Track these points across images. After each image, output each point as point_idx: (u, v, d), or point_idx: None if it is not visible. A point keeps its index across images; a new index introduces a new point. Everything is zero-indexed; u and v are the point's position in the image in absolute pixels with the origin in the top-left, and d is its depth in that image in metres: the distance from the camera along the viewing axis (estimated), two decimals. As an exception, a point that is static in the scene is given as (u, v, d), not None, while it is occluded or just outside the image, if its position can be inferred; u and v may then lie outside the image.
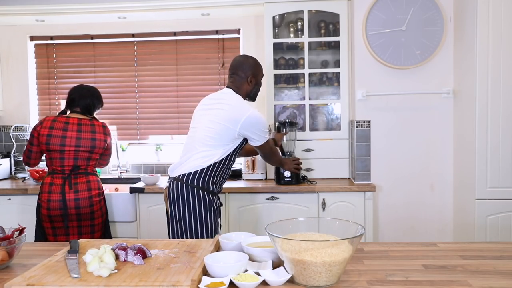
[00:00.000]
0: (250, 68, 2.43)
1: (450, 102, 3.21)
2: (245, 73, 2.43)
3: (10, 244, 1.34)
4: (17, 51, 3.95)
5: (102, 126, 2.78)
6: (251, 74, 2.43)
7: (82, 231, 2.69)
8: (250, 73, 2.43)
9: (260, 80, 2.50)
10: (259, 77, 2.49)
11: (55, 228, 2.68)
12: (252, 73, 2.43)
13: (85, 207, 2.66)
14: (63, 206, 2.63)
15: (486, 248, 1.51)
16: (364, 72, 3.23)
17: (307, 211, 3.14)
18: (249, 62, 2.46)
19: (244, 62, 2.46)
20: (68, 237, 2.67)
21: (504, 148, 2.80)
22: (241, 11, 3.60)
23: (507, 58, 2.75)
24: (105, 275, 1.19)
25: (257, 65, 2.48)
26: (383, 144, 3.26)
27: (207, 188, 2.27)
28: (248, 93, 2.47)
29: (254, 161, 3.42)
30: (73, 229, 2.68)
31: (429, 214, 3.27)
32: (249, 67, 2.44)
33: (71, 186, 2.65)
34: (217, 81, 3.86)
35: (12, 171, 3.76)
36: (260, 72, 2.50)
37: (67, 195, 2.64)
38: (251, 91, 2.47)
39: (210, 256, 1.28)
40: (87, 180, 2.70)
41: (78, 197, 2.65)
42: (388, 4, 3.15)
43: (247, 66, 2.44)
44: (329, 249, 1.16)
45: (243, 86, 2.44)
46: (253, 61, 2.47)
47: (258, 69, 2.48)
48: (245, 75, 2.43)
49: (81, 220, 2.67)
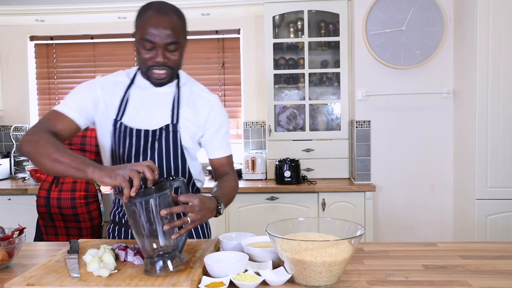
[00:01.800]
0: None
1: (450, 102, 3.21)
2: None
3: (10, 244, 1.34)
4: (17, 51, 3.95)
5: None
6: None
7: (69, 232, 2.65)
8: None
9: (137, 43, 1.48)
10: (136, 35, 1.49)
11: (46, 226, 2.67)
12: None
13: (67, 208, 2.60)
14: (47, 204, 2.61)
15: (486, 248, 1.51)
16: (364, 72, 3.23)
17: (307, 211, 3.14)
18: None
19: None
20: (57, 237, 2.66)
21: (504, 148, 2.79)
22: (241, 11, 3.60)
23: (507, 58, 2.75)
24: (105, 275, 1.19)
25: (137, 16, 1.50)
26: (383, 144, 3.26)
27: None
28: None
29: (254, 161, 3.42)
30: (61, 229, 2.65)
31: (429, 214, 3.27)
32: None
33: (57, 185, 2.63)
34: (217, 81, 3.85)
35: (12, 171, 3.75)
36: (136, 28, 1.49)
37: (51, 193, 2.62)
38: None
39: (210, 256, 1.28)
40: (73, 181, 2.63)
41: (60, 197, 2.60)
42: (388, 4, 3.15)
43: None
44: (329, 249, 1.16)
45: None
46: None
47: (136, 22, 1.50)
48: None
49: (67, 221, 2.63)
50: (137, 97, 1.55)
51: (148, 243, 1.22)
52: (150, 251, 1.22)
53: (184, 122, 1.56)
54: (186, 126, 1.56)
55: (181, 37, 1.47)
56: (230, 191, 1.59)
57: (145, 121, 1.53)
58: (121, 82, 1.57)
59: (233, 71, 3.84)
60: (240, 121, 3.84)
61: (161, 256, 1.21)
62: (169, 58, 1.45)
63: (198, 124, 1.59)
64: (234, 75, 3.84)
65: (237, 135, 3.86)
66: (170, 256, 1.21)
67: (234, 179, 1.66)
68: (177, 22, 1.45)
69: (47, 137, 1.36)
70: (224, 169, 1.68)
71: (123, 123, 1.52)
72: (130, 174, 1.17)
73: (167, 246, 1.23)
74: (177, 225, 1.23)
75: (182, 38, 1.47)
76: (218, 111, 1.63)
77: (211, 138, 1.62)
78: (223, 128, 1.64)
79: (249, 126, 3.77)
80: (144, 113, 1.54)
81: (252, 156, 3.43)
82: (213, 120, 1.61)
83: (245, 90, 3.79)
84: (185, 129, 1.56)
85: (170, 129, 1.53)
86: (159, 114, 1.54)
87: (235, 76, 3.84)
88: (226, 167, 1.68)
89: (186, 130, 1.56)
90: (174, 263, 1.21)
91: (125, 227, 1.65)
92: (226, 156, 1.67)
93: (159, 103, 1.55)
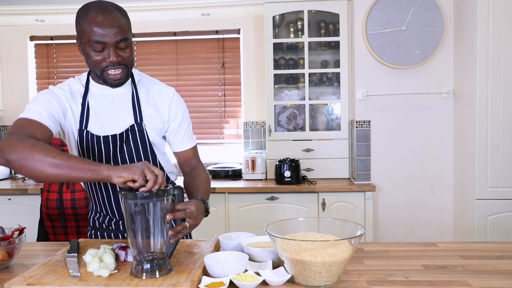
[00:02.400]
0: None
1: (450, 102, 3.21)
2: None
3: (10, 244, 1.34)
4: (17, 51, 3.94)
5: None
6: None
7: (80, 231, 2.70)
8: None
9: (85, 47, 1.42)
10: (82, 40, 1.43)
11: (55, 227, 2.70)
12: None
13: (82, 207, 2.66)
14: (60, 206, 2.65)
15: (486, 248, 1.51)
16: (364, 72, 3.23)
17: (307, 211, 3.14)
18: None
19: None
20: (67, 237, 2.69)
21: (504, 148, 2.79)
22: (241, 11, 3.60)
23: (507, 58, 2.75)
24: (105, 275, 1.19)
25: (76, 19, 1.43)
26: (383, 144, 3.26)
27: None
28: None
29: (254, 161, 3.42)
30: (71, 228, 2.69)
31: (429, 214, 3.27)
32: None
33: (68, 186, 2.67)
34: (217, 81, 3.85)
35: (12, 171, 3.75)
36: (80, 32, 1.42)
37: (64, 194, 2.66)
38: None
39: (210, 256, 1.28)
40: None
41: (74, 197, 2.66)
42: (388, 4, 3.15)
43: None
44: (329, 249, 1.16)
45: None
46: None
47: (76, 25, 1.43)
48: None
49: (79, 220, 2.68)
50: (96, 103, 1.52)
51: (141, 244, 1.22)
52: (140, 253, 1.22)
53: (148, 119, 1.55)
54: (150, 122, 1.55)
55: (129, 33, 1.45)
56: (206, 184, 1.60)
57: (109, 126, 1.51)
58: (77, 90, 1.53)
59: (233, 71, 3.84)
60: (240, 121, 3.84)
61: (150, 261, 1.21)
62: (122, 56, 1.42)
63: (162, 119, 1.58)
64: (234, 75, 3.84)
65: (237, 135, 3.86)
66: (159, 263, 1.21)
67: (204, 171, 1.66)
68: (122, 19, 1.42)
69: (39, 142, 1.28)
70: (191, 161, 1.67)
71: (89, 131, 1.50)
72: (147, 173, 1.20)
73: (158, 251, 1.23)
74: (178, 230, 1.27)
75: (129, 34, 1.45)
76: (178, 104, 1.62)
77: (175, 132, 1.62)
78: (185, 120, 1.63)
79: (249, 126, 3.77)
80: (107, 118, 1.51)
81: (252, 156, 3.43)
82: (174, 113, 1.60)
83: (245, 90, 3.79)
84: (150, 126, 1.55)
85: (136, 129, 1.52)
86: (121, 116, 1.52)
87: (235, 76, 3.84)
88: (193, 159, 1.68)
89: (151, 126, 1.55)
90: (162, 270, 1.21)
91: (106, 231, 1.66)
92: (191, 148, 1.67)
93: (119, 105, 1.53)
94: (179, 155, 1.68)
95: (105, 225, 1.65)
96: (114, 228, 1.65)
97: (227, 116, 3.87)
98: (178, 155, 1.68)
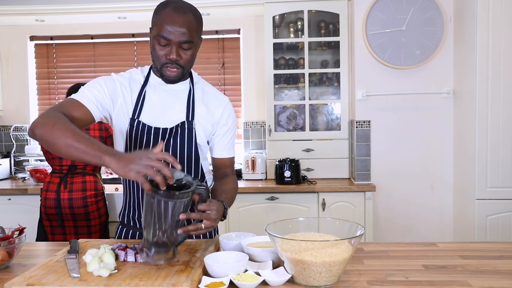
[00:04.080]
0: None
1: (450, 102, 3.21)
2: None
3: (10, 244, 1.34)
4: (17, 51, 3.94)
5: (98, 122, 2.78)
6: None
7: (78, 231, 2.70)
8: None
9: (153, 39, 1.50)
10: (153, 32, 1.51)
11: (53, 226, 2.70)
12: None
13: (79, 207, 2.66)
14: (57, 205, 2.65)
15: (486, 248, 1.51)
16: (364, 72, 3.23)
17: (307, 211, 3.14)
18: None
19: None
20: (65, 237, 2.69)
21: (504, 148, 2.79)
22: (241, 11, 3.60)
23: (507, 58, 2.75)
24: (105, 275, 1.19)
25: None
26: (383, 144, 3.26)
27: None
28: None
29: (254, 161, 3.42)
30: (69, 228, 2.69)
31: (429, 214, 3.27)
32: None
33: (66, 186, 2.68)
34: (217, 81, 3.85)
35: (12, 171, 3.75)
36: (153, 24, 1.50)
37: (61, 194, 2.66)
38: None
39: (210, 256, 1.28)
40: (82, 181, 2.71)
41: (71, 197, 2.66)
42: (388, 4, 3.15)
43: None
44: (329, 249, 1.16)
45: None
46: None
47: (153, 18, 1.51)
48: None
49: (77, 220, 2.68)
50: (152, 95, 1.56)
51: (153, 234, 1.24)
52: (151, 240, 1.25)
53: (199, 120, 1.57)
54: (200, 123, 1.57)
55: (195, 37, 1.48)
56: (233, 194, 1.61)
57: (161, 119, 1.53)
58: (138, 80, 1.58)
59: (233, 71, 3.84)
60: (240, 121, 3.84)
61: (157, 245, 1.23)
62: (181, 56, 1.46)
63: (213, 122, 1.60)
64: (234, 75, 3.84)
65: (237, 135, 3.86)
66: (165, 249, 1.25)
67: (235, 182, 1.68)
68: (193, 22, 1.46)
69: (64, 120, 1.32)
70: (226, 170, 1.69)
71: (141, 121, 1.52)
72: (146, 171, 1.16)
73: (169, 240, 1.26)
74: (190, 230, 1.28)
75: (196, 38, 1.49)
76: (230, 112, 1.65)
77: (220, 137, 1.64)
78: (232, 130, 1.67)
79: (249, 126, 3.77)
80: (160, 110, 1.54)
81: (252, 156, 3.43)
82: (226, 119, 1.63)
83: (245, 90, 3.79)
84: (200, 126, 1.57)
85: (186, 126, 1.54)
86: (174, 111, 1.55)
87: (235, 76, 3.84)
88: (228, 169, 1.70)
89: (201, 127, 1.57)
90: (168, 255, 1.25)
91: (133, 229, 1.65)
92: (230, 158, 1.69)
93: (174, 100, 1.56)
94: (216, 161, 1.69)
95: (132, 222, 1.64)
96: (140, 226, 1.63)
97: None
98: (215, 161, 1.69)
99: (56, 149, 1.30)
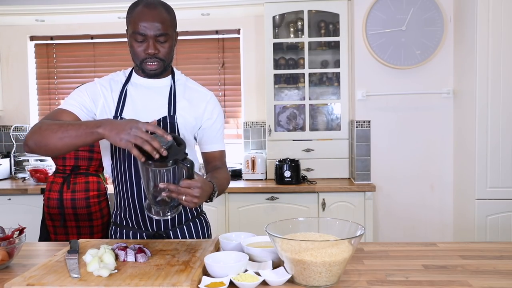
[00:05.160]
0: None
1: (450, 102, 3.21)
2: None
3: (10, 244, 1.34)
4: (17, 51, 3.94)
5: None
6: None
7: (81, 231, 2.70)
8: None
9: (129, 38, 1.53)
10: (128, 31, 1.54)
11: (55, 226, 2.71)
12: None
13: (82, 207, 2.67)
14: (60, 205, 2.66)
15: (486, 248, 1.51)
16: (364, 72, 3.24)
17: (307, 211, 3.14)
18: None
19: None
20: (67, 237, 2.69)
21: (504, 148, 2.80)
22: (241, 11, 3.60)
23: (507, 58, 2.75)
24: (105, 275, 1.19)
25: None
26: (383, 144, 3.26)
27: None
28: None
29: (254, 161, 3.42)
30: (72, 229, 2.70)
31: (429, 214, 3.27)
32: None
33: (69, 186, 2.68)
34: (217, 81, 3.85)
35: (12, 171, 3.75)
36: (128, 24, 1.54)
37: (64, 194, 2.67)
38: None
39: (210, 256, 1.28)
40: (85, 181, 2.71)
41: (74, 197, 2.67)
42: (388, 4, 3.15)
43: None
44: (329, 249, 1.16)
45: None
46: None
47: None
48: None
49: (79, 220, 2.68)
50: (134, 93, 1.59)
51: (152, 195, 1.36)
52: (152, 200, 1.37)
53: (181, 114, 1.58)
54: (183, 117, 1.58)
55: (170, 30, 1.52)
56: (224, 182, 1.62)
57: (143, 115, 1.55)
58: (119, 80, 1.62)
59: (233, 71, 3.84)
60: (240, 121, 3.84)
61: (157, 203, 1.37)
62: (159, 49, 1.50)
63: (196, 116, 1.61)
64: (234, 75, 3.84)
65: (237, 135, 3.86)
66: (169, 206, 1.38)
67: (227, 173, 1.69)
68: (165, 15, 1.51)
69: (49, 122, 1.39)
70: (216, 163, 1.70)
71: (123, 118, 1.54)
72: (135, 141, 1.24)
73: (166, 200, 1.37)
74: (173, 197, 1.34)
75: (171, 31, 1.53)
76: (214, 105, 1.66)
77: (206, 131, 1.65)
78: (219, 122, 1.67)
79: (249, 126, 3.77)
80: (142, 107, 1.57)
81: (252, 156, 3.43)
82: (210, 113, 1.64)
83: (245, 90, 3.79)
84: (182, 121, 1.58)
85: (168, 121, 1.56)
86: (156, 106, 1.57)
87: (235, 76, 3.84)
88: (218, 162, 1.70)
89: (183, 121, 1.58)
90: (172, 210, 1.39)
91: (126, 229, 1.65)
92: (219, 150, 1.70)
93: (156, 96, 1.59)
94: (206, 155, 1.70)
95: (125, 222, 1.64)
96: (136, 226, 1.63)
97: (227, 116, 3.86)
98: (205, 155, 1.71)
99: (52, 148, 1.36)
